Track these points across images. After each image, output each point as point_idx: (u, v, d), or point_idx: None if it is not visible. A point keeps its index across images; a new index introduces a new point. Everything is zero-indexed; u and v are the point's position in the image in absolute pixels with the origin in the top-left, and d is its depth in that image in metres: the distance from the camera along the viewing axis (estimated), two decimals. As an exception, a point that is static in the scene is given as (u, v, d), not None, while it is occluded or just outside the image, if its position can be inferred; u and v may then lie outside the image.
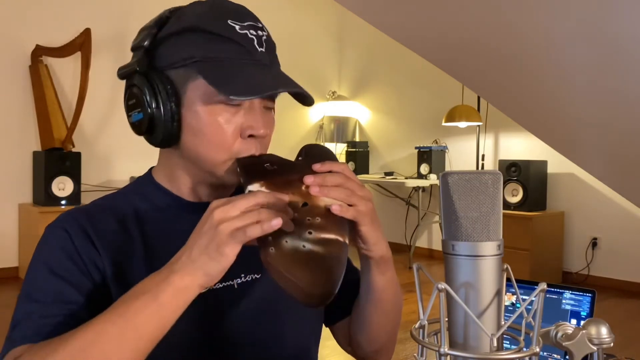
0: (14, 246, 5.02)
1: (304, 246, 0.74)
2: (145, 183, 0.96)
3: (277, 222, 0.72)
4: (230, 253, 0.72)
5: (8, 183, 5.01)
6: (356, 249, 0.87)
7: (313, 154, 0.87)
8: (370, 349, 1.00)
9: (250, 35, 0.84)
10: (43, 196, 4.79)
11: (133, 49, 0.88)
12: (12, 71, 5.02)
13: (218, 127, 0.84)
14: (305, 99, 0.88)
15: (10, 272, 4.97)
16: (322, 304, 0.74)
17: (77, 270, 0.85)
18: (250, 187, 0.79)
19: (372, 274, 0.89)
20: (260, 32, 0.86)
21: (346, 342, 1.04)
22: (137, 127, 0.88)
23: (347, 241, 0.77)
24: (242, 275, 0.92)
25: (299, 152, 0.89)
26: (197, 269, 0.73)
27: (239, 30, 0.83)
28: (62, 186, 4.83)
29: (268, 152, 0.91)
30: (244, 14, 0.86)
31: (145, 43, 0.86)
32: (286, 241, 0.74)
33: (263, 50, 0.85)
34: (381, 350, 1.01)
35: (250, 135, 0.86)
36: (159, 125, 0.86)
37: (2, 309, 4.25)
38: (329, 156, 0.88)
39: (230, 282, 0.91)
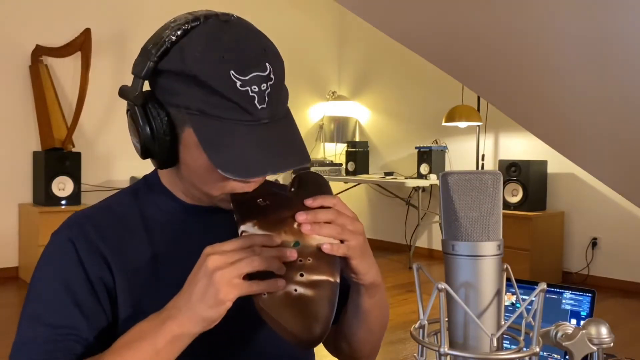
0: (14, 246, 5.02)
1: (295, 290, 0.76)
2: (151, 185, 0.96)
3: (278, 285, 0.75)
4: (228, 301, 0.74)
5: (8, 183, 5.01)
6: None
7: (306, 184, 0.88)
8: (353, 356, 1.03)
9: (251, 93, 0.79)
10: (43, 196, 4.79)
11: (133, 74, 0.84)
12: (12, 71, 5.02)
13: (211, 172, 0.83)
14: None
15: (10, 272, 4.96)
16: (312, 346, 0.77)
17: (86, 292, 0.85)
18: (244, 227, 0.80)
19: (360, 297, 0.91)
20: (264, 85, 0.80)
21: (331, 347, 1.06)
22: (138, 152, 0.88)
23: (337, 280, 0.79)
24: None
25: (291, 181, 0.90)
26: (195, 316, 0.74)
27: (239, 87, 0.78)
28: (62, 186, 4.83)
29: None
30: (250, 63, 0.79)
31: (143, 74, 0.82)
32: None
33: (264, 106, 0.80)
34: (363, 358, 1.04)
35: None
36: (155, 154, 0.86)
37: (2, 308, 4.26)
38: (322, 185, 0.89)
39: None
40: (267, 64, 0.80)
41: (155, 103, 0.83)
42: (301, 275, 0.77)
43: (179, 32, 0.82)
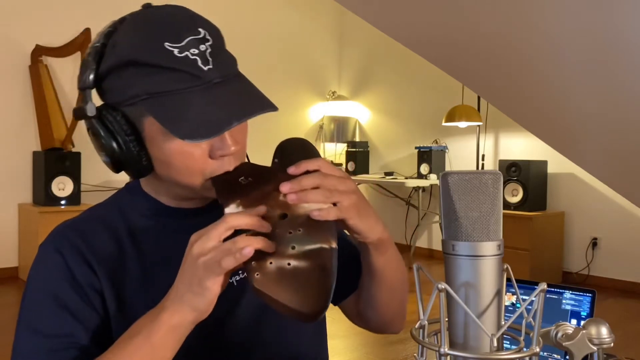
0: (14, 246, 5.02)
1: (288, 264, 0.72)
2: (132, 192, 0.95)
3: (248, 251, 0.69)
4: (213, 286, 0.71)
5: (8, 183, 5.01)
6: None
7: (288, 153, 0.84)
8: (380, 321, 0.99)
9: (192, 57, 0.77)
10: (43, 196, 4.79)
11: (80, 89, 0.84)
12: (12, 71, 5.02)
13: (185, 156, 0.80)
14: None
15: (10, 272, 4.96)
16: (317, 318, 0.71)
17: (78, 299, 0.84)
18: (227, 210, 0.77)
19: (371, 256, 0.86)
20: (202, 46, 0.78)
21: (355, 317, 1.03)
22: (110, 167, 0.85)
23: (334, 245, 0.74)
24: (240, 272, 0.91)
25: (274, 152, 0.85)
26: (184, 306, 0.73)
27: (178, 55, 0.76)
28: (62, 186, 4.83)
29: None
30: (181, 28, 0.79)
31: (89, 83, 0.82)
32: (270, 262, 0.72)
33: (210, 66, 0.78)
34: (392, 321, 1.00)
35: (221, 155, 0.81)
36: (127, 164, 0.83)
37: (2, 308, 4.26)
38: (307, 150, 0.85)
39: (229, 280, 0.91)
40: (199, 29, 0.79)
41: (109, 108, 0.82)
42: (293, 248, 0.72)
43: (108, 33, 0.83)
